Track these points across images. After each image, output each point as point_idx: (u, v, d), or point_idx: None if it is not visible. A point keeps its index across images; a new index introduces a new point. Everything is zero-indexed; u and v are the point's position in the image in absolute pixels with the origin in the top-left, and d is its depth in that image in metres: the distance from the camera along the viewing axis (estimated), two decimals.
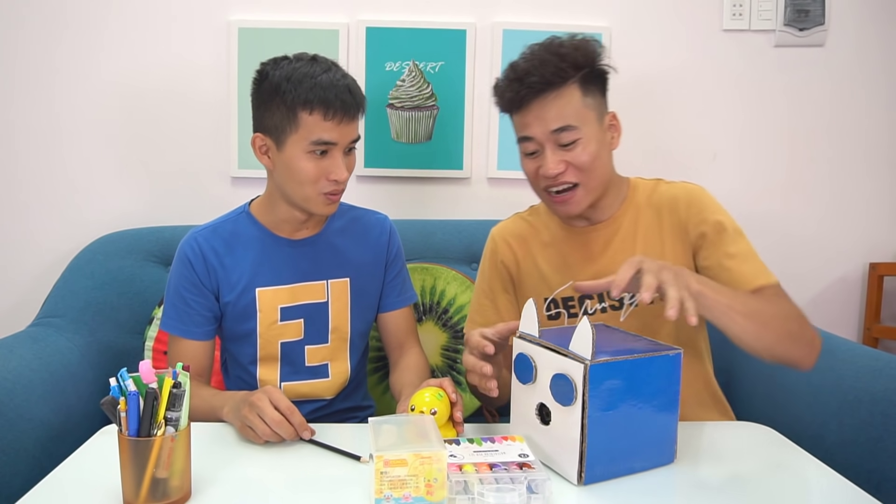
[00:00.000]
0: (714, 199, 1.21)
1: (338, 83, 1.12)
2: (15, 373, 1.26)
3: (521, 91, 1.13)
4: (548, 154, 1.14)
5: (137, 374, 0.80)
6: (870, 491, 0.86)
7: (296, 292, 1.24)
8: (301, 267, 1.25)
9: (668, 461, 0.92)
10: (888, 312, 1.92)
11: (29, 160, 1.80)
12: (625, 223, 1.23)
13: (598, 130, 1.16)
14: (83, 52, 1.78)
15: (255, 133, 1.19)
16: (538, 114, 1.14)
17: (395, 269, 1.35)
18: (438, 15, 1.81)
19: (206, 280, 1.22)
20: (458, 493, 0.79)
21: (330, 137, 1.13)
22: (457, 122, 1.84)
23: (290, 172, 1.15)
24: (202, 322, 1.23)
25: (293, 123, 1.12)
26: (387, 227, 1.35)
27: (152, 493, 0.79)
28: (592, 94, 1.16)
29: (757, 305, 1.03)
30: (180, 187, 1.83)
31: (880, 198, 1.92)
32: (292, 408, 1.00)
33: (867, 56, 1.86)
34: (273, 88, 1.13)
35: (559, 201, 1.17)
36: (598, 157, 1.15)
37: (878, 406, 1.19)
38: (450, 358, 1.66)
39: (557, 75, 1.12)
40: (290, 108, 1.12)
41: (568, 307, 1.24)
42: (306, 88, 1.11)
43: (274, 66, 1.15)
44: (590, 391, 0.84)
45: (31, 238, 1.82)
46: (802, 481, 0.92)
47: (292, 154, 1.14)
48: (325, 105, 1.11)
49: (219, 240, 1.23)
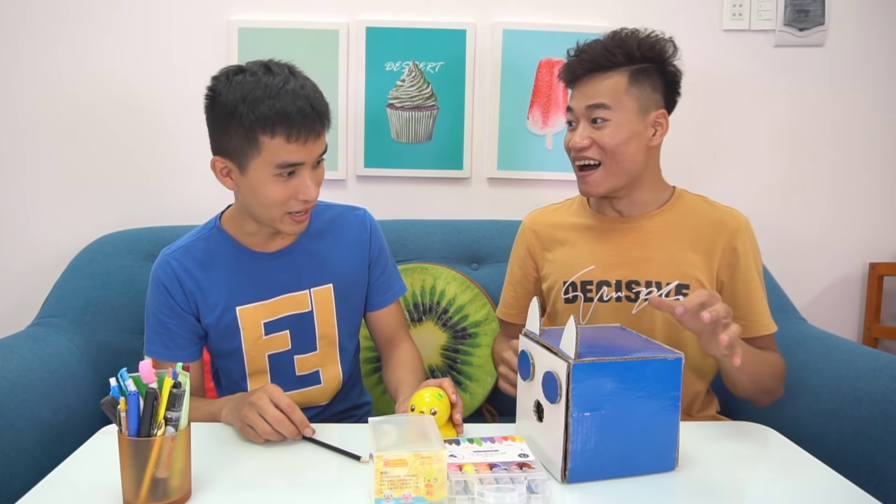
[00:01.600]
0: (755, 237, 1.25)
1: (297, 98, 1.03)
2: (15, 373, 1.26)
3: (574, 66, 1.24)
4: (580, 127, 1.22)
5: (137, 374, 0.80)
6: (870, 491, 0.86)
7: (277, 306, 1.20)
8: (280, 280, 1.19)
9: (668, 468, 0.90)
10: (888, 312, 1.92)
11: (29, 160, 1.81)
12: (658, 225, 1.25)
13: (636, 121, 1.20)
14: (84, 52, 1.78)
15: (214, 156, 1.10)
16: (583, 89, 1.23)
17: (379, 268, 1.29)
18: (438, 15, 1.81)
19: (183, 304, 1.17)
20: (458, 493, 0.79)
21: (296, 159, 1.05)
22: (457, 122, 1.84)
23: (256, 196, 1.08)
24: (186, 345, 1.19)
25: (254, 148, 1.04)
26: (367, 224, 1.28)
27: (152, 493, 0.79)
28: (641, 86, 1.21)
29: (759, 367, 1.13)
30: (180, 187, 1.83)
31: (880, 198, 1.92)
32: (293, 405, 0.99)
33: (867, 56, 1.86)
34: (228, 111, 1.03)
35: (581, 176, 1.24)
36: (626, 144, 1.20)
37: (878, 406, 1.19)
38: (450, 358, 1.66)
39: (607, 59, 1.20)
40: (249, 131, 1.03)
41: (585, 291, 1.26)
42: (265, 110, 1.01)
43: (226, 82, 1.06)
44: (573, 390, 0.84)
45: (31, 238, 1.82)
46: (802, 481, 0.91)
47: (256, 178, 1.06)
48: (287, 126, 1.02)
49: (192, 260, 1.18)
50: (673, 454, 0.90)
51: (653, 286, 1.22)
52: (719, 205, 1.28)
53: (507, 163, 1.85)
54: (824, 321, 1.79)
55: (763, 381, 1.15)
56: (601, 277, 1.25)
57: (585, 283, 1.26)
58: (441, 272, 1.68)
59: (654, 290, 1.21)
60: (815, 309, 1.89)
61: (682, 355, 0.89)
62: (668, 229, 1.25)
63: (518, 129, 1.85)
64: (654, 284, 1.22)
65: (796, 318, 1.64)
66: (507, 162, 1.85)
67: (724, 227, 1.23)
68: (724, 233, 1.22)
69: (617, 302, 1.24)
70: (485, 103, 1.84)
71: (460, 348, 1.66)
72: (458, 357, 1.66)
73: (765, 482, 0.91)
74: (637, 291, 1.23)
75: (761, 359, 1.15)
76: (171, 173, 1.83)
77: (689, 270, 1.21)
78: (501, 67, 1.82)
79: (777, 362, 1.20)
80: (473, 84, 1.83)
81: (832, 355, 1.37)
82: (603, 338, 0.97)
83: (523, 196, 1.87)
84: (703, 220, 1.24)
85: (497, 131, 1.85)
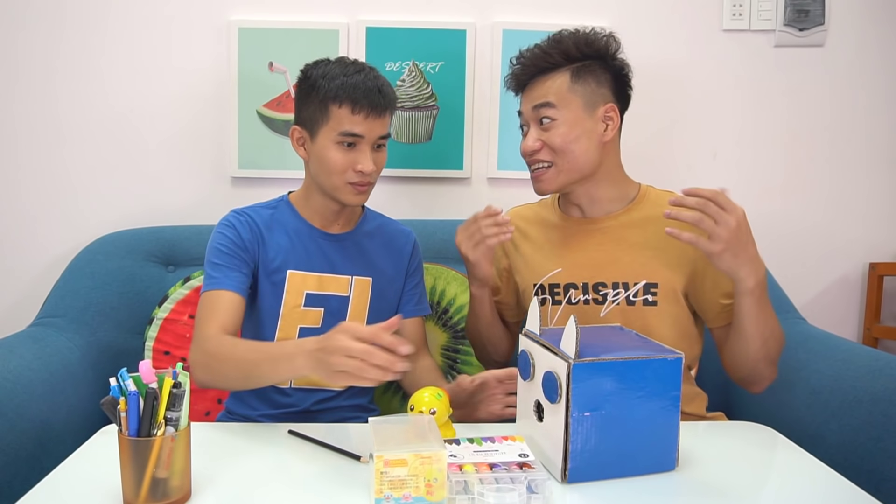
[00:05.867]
0: None
1: (368, 80, 1.21)
2: (15, 373, 1.26)
3: (517, 72, 1.28)
4: (530, 131, 1.26)
5: (137, 374, 0.80)
6: (870, 491, 0.86)
7: (323, 281, 1.29)
8: (331, 258, 1.30)
9: (668, 468, 0.90)
10: (888, 312, 1.92)
11: (29, 160, 1.80)
12: (623, 224, 1.26)
13: (583, 117, 1.22)
14: (83, 52, 1.78)
15: (293, 125, 1.29)
16: (528, 92, 1.27)
17: (414, 280, 1.41)
18: (438, 15, 1.81)
19: (250, 245, 1.26)
20: (458, 493, 0.79)
21: (357, 130, 1.20)
22: (457, 122, 1.84)
23: (321, 162, 1.23)
24: (240, 277, 1.23)
25: (324, 116, 1.21)
26: (411, 240, 1.42)
27: (152, 493, 0.79)
28: (584, 82, 1.22)
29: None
30: (180, 187, 1.83)
31: (880, 198, 1.92)
32: (376, 332, 0.89)
33: (867, 56, 1.86)
34: (311, 85, 1.23)
35: (534, 178, 1.27)
36: (575, 141, 1.21)
37: (878, 406, 1.20)
38: (450, 358, 1.66)
39: (545, 60, 1.23)
40: (323, 101, 1.21)
41: (553, 294, 1.28)
42: (337, 84, 1.20)
43: (314, 66, 1.25)
44: (573, 390, 0.84)
45: (32, 238, 1.82)
46: (802, 481, 0.91)
47: (323, 144, 1.22)
48: (353, 99, 1.19)
49: (260, 219, 1.30)
50: (673, 454, 0.90)
51: (620, 287, 1.22)
52: None
53: (507, 163, 1.85)
54: (824, 321, 1.79)
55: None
56: (568, 280, 1.26)
57: (553, 285, 1.27)
58: (441, 272, 1.68)
59: (621, 292, 1.22)
60: (815, 309, 1.89)
61: (683, 355, 0.89)
62: (634, 229, 1.24)
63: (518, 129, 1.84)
64: (622, 285, 1.22)
65: (796, 318, 1.64)
66: (507, 162, 1.85)
67: None
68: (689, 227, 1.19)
69: (585, 305, 1.24)
70: (485, 103, 1.84)
71: (460, 348, 1.66)
72: (458, 357, 1.66)
73: (765, 482, 0.90)
74: (604, 294, 1.23)
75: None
76: (171, 173, 1.83)
77: (657, 269, 1.21)
78: (501, 67, 1.82)
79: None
80: (473, 84, 1.83)
81: (832, 355, 1.37)
82: (603, 337, 0.97)
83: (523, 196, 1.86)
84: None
85: (497, 131, 1.85)
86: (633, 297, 1.21)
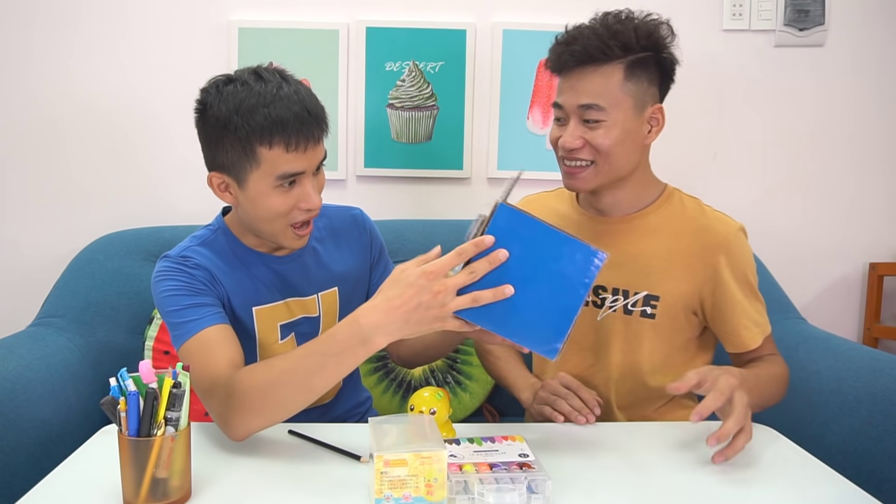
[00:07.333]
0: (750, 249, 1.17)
1: (293, 104, 0.99)
2: (15, 373, 1.26)
3: (564, 56, 1.12)
4: (570, 126, 1.12)
5: (137, 374, 0.79)
6: (870, 491, 0.86)
7: (290, 307, 1.16)
8: (290, 282, 1.16)
9: (549, 354, 0.87)
10: (888, 312, 1.92)
11: (29, 160, 1.81)
12: (637, 228, 1.18)
13: (631, 118, 1.12)
14: (83, 52, 1.78)
15: (210, 172, 1.06)
16: (573, 84, 1.12)
17: (380, 268, 1.28)
18: (438, 15, 1.81)
19: (208, 283, 1.07)
20: (458, 493, 0.79)
21: (297, 168, 1.00)
22: (457, 122, 1.84)
23: (257, 210, 1.04)
24: (217, 311, 1.04)
25: (252, 160, 1.00)
26: (366, 226, 1.27)
27: (152, 493, 0.79)
28: (637, 79, 1.11)
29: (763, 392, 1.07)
30: (180, 187, 1.83)
31: (880, 198, 1.92)
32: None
33: (867, 56, 1.86)
34: (222, 124, 1.00)
35: (569, 173, 1.15)
36: (621, 144, 1.11)
37: (878, 406, 1.20)
38: (450, 358, 1.66)
39: (601, 51, 1.09)
40: (246, 143, 0.98)
41: None
42: (260, 119, 0.97)
43: (216, 94, 1.01)
44: (494, 229, 0.84)
45: (32, 238, 1.82)
46: (802, 481, 0.91)
47: (257, 191, 1.02)
48: (286, 134, 0.97)
49: (203, 258, 1.09)
50: (558, 343, 0.87)
51: (619, 294, 1.17)
52: (711, 210, 1.19)
53: (507, 163, 1.85)
54: (824, 321, 1.78)
55: (769, 401, 1.11)
56: None
57: None
58: None
59: (619, 299, 1.17)
60: (815, 309, 1.89)
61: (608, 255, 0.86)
62: (648, 234, 1.17)
63: (518, 129, 1.85)
64: (622, 293, 1.16)
65: (796, 318, 1.64)
66: (507, 162, 1.85)
67: (709, 238, 1.14)
68: (709, 245, 1.13)
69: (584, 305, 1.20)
70: (485, 103, 1.84)
71: (460, 348, 1.66)
72: (458, 357, 1.66)
73: (765, 482, 0.90)
74: (603, 298, 1.18)
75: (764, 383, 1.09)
76: (171, 173, 1.83)
77: (661, 281, 1.15)
78: (501, 67, 1.82)
79: (776, 374, 1.14)
80: (473, 84, 1.83)
81: (832, 355, 1.37)
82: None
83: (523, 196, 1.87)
84: (689, 227, 1.16)
85: (497, 131, 1.85)
86: (632, 306, 1.16)
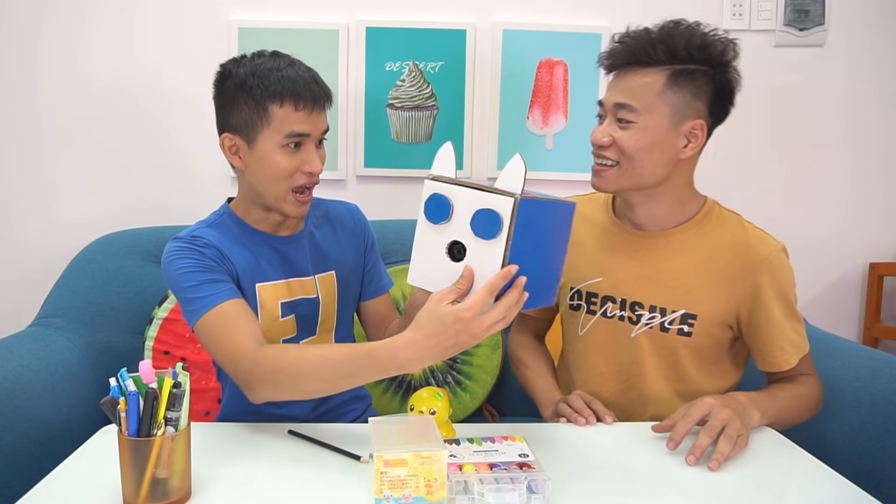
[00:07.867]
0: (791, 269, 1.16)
1: (304, 74, 1.12)
2: (15, 373, 1.26)
3: (615, 52, 1.15)
4: (605, 123, 1.15)
5: (137, 374, 0.80)
6: (870, 491, 0.87)
7: (291, 287, 1.22)
8: (291, 261, 1.22)
9: (550, 302, 0.99)
10: (888, 312, 1.92)
11: (29, 160, 1.81)
12: (674, 245, 1.17)
13: (665, 127, 1.10)
14: (83, 52, 1.78)
15: (222, 134, 1.16)
16: (616, 82, 1.15)
17: (373, 257, 1.35)
18: (438, 15, 1.81)
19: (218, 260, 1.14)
20: (458, 493, 0.79)
21: (303, 129, 1.11)
22: (457, 122, 1.84)
23: (264, 169, 1.12)
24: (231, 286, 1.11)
25: (264, 118, 1.10)
26: (360, 217, 1.35)
27: (152, 493, 0.79)
28: (680, 90, 1.10)
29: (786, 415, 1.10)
30: (180, 187, 1.83)
31: (880, 198, 1.92)
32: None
33: (867, 56, 1.86)
34: (239, 85, 1.11)
35: (594, 170, 1.17)
36: (647, 150, 1.10)
37: (878, 406, 1.20)
38: (449, 357, 1.66)
39: (646, 53, 1.10)
40: (259, 102, 1.10)
41: (590, 303, 1.23)
42: (274, 81, 1.09)
43: (236, 64, 1.14)
44: (516, 225, 0.86)
45: (32, 238, 1.82)
46: (802, 481, 0.92)
47: (266, 150, 1.11)
48: (295, 96, 1.09)
49: (210, 237, 1.16)
50: (554, 289, 0.98)
51: (657, 312, 1.16)
52: (752, 228, 1.17)
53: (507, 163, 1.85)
54: (824, 321, 1.79)
55: (793, 420, 1.11)
56: (607, 292, 1.20)
57: (591, 294, 1.22)
58: None
59: (657, 316, 1.16)
60: (815, 309, 1.89)
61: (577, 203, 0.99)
62: (686, 251, 1.16)
63: (518, 129, 1.85)
64: (658, 310, 1.16)
65: None
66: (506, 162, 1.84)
67: (750, 257, 1.13)
68: (750, 265, 1.12)
69: (619, 321, 1.19)
70: (485, 103, 1.84)
71: None
72: (458, 357, 1.66)
73: (765, 482, 0.90)
74: (639, 315, 1.17)
75: (784, 404, 1.10)
76: (171, 173, 1.83)
77: (700, 299, 1.14)
78: (501, 67, 1.82)
79: (802, 394, 1.13)
80: (473, 84, 1.83)
81: (832, 355, 1.37)
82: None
83: None
84: (728, 244, 1.15)
85: (497, 131, 1.85)
86: (668, 324, 1.15)
